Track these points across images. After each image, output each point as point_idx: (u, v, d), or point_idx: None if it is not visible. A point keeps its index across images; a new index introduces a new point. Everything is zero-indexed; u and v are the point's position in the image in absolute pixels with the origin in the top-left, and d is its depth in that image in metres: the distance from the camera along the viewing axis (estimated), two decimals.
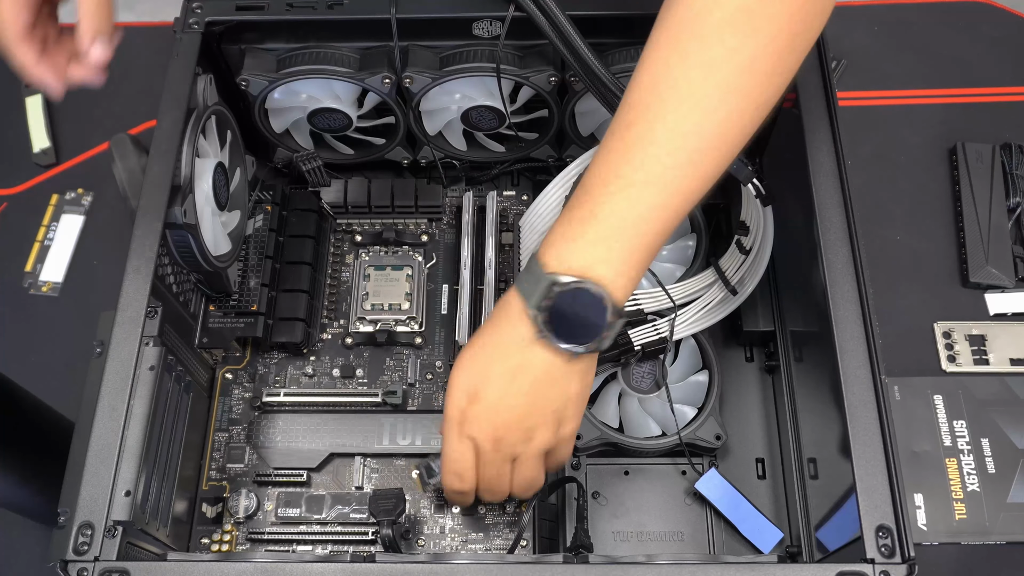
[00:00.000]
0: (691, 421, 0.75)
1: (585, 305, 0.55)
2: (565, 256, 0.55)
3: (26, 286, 0.92)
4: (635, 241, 0.55)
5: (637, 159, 0.55)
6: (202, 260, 0.71)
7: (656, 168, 0.55)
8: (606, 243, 0.55)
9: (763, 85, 0.55)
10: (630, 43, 0.73)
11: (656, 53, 0.55)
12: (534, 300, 0.56)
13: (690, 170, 0.55)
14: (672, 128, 0.54)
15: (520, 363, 0.58)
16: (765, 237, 0.72)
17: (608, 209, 0.55)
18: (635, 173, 0.55)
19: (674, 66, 0.54)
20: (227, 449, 0.77)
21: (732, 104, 0.55)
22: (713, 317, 0.75)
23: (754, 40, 0.53)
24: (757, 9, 0.53)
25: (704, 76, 0.54)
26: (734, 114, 0.55)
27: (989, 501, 0.79)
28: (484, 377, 0.59)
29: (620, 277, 0.56)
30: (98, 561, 0.55)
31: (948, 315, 0.88)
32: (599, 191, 0.55)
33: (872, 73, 1.01)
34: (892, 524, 0.55)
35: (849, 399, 0.58)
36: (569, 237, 0.56)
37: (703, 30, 0.53)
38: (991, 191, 0.92)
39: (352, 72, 0.74)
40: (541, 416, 0.59)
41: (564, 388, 0.59)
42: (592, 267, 0.55)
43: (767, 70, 0.54)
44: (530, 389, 0.58)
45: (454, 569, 0.56)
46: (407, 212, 0.86)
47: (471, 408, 0.59)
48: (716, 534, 0.75)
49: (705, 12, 0.53)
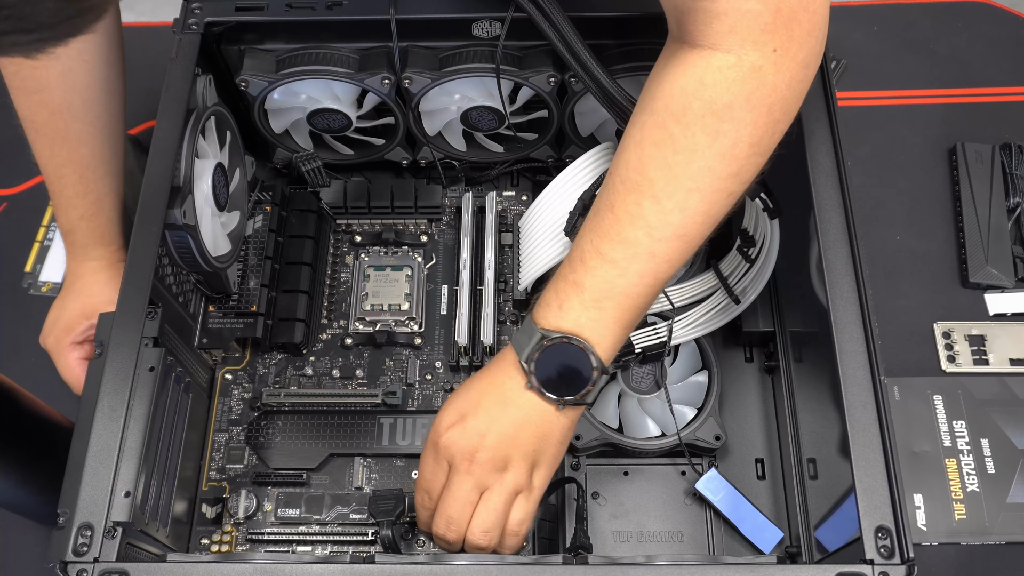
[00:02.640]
0: (691, 421, 0.75)
1: (572, 359, 0.59)
2: (554, 318, 0.59)
3: (26, 286, 0.92)
4: (621, 306, 0.59)
5: (623, 237, 0.58)
6: (202, 261, 0.71)
7: (643, 243, 0.57)
8: (593, 309, 0.59)
9: (743, 164, 0.57)
10: (629, 44, 0.73)
11: (641, 135, 0.58)
12: (526, 353, 0.59)
13: (676, 243, 0.58)
14: (658, 208, 0.57)
15: (511, 400, 0.60)
16: (771, 248, 0.72)
17: (593, 282, 0.58)
18: (620, 251, 0.58)
19: (660, 149, 0.57)
20: (227, 449, 0.77)
21: (712, 184, 0.57)
22: (714, 323, 0.75)
23: (734, 128, 0.55)
24: (737, 103, 0.55)
25: (687, 160, 0.56)
26: (716, 191, 0.57)
27: (989, 501, 0.79)
28: (474, 405, 0.61)
29: (606, 338, 0.59)
30: (98, 562, 0.55)
31: (948, 315, 0.88)
32: (586, 264, 0.59)
33: (872, 73, 1.01)
34: (891, 525, 0.55)
35: (848, 399, 0.58)
36: (560, 301, 0.59)
37: (686, 118, 0.56)
38: (991, 191, 0.92)
39: (352, 73, 0.74)
40: (520, 449, 0.60)
41: (547, 432, 0.61)
42: (580, 328, 0.59)
43: (747, 153, 0.57)
44: (515, 422, 0.60)
45: (454, 569, 0.56)
46: (407, 212, 0.86)
47: (455, 428, 0.61)
48: (716, 534, 0.75)
49: (688, 103, 0.55)
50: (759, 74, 0.54)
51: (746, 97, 0.55)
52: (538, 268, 0.74)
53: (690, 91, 0.55)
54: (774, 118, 0.56)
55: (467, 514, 0.61)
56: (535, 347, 0.59)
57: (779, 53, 0.54)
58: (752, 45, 0.54)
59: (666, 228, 0.57)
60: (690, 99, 0.55)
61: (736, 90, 0.55)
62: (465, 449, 0.60)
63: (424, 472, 0.63)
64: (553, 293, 0.60)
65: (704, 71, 0.55)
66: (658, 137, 0.57)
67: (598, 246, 0.58)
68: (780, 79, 0.55)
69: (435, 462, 0.62)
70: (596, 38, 0.71)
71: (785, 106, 0.56)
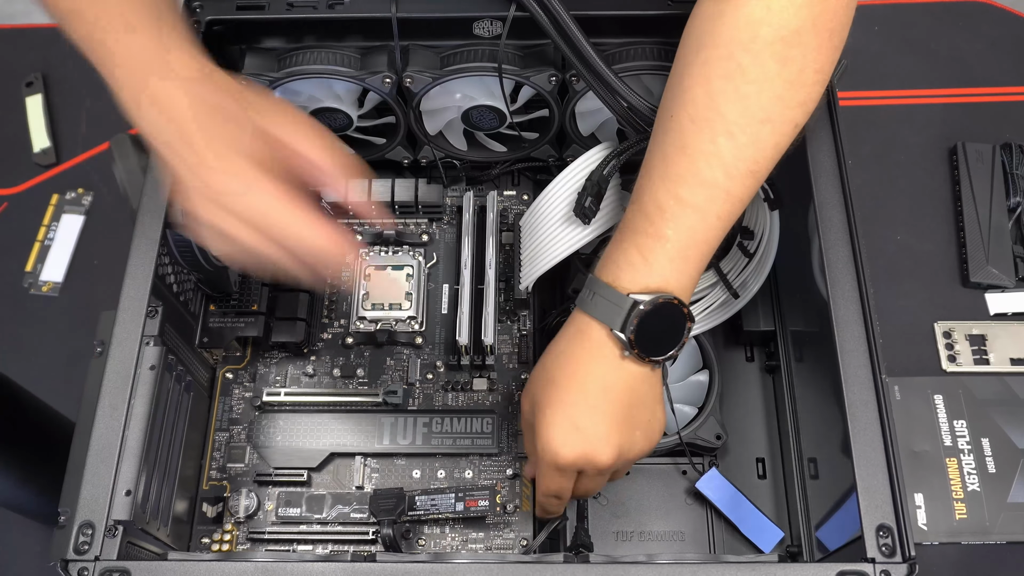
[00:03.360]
0: (691, 421, 0.75)
1: (667, 318, 0.58)
2: (642, 277, 0.58)
3: (26, 286, 0.92)
4: (703, 252, 0.59)
5: (701, 179, 0.57)
6: (202, 260, 0.71)
7: (721, 183, 0.57)
8: (678, 261, 0.58)
9: (810, 92, 0.57)
10: (631, 43, 0.73)
11: (706, 71, 0.57)
12: (619, 322, 0.58)
13: (749, 180, 0.58)
14: (733, 143, 0.57)
15: (613, 383, 0.59)
16: (770, 242, 0.72)
17: (677, 231, 0.57)
18: (699, 194, 0.57)
19: (731, 81, 0.56)
20: (227, 449, 0.77)
21: (783, 114, 0.57)
22: (714, 320, 0.75)
23: (802, 54, 0.56)
24: (805, 27, 0.55)
25: (759, 90, 0.56)
26: (785, 123, 0.57)
27: (989, 501, 0.79)
28: (582, 406, 0.59)
29: (688, 287, 0.60)
30: (99, 561, 0.55)
31: (948, 315, 0.88)
32: (665, 214, 0.58)
33: (872, 73, 1.01)
34: (892, 524, 0.55)
35: (849, 399, 0.58)
36: (644, 257, 0.58)
37: (755, 46, 0.55)
38: (991, 191, 0.92)
39: (353, 72, 0.74)
40: (640, 427, 0.61)
41: (654, 395, 0.62)
42: (667, 282, 0.58)
43: (813, 79, 0.57)
44: (626, 403, 0.60)
45: (454, 569, 0.56)
46: (408, 212, 0.86)
47: (574, 445, 0.59)
48: (716, 534, 0.75)
49: (756, 31, 0.55)
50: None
51: (812, 21, 0.55)
52: (540, 267, 0.74)
53: (757, 18, 0.55)
54: (834, 43, 0.57)
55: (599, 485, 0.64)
56: (630, 315, 0.57)
57: None
58: None
59: (741, 164, 0.57)
60: (758, 26, 0.55)
61: (804, 14, 0.54)
62: (595, 461, 0.60)
63: (550, 485, 0.62)
64: (635, 250, 0.58)
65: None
66: (726, 69, 0.56)
67: (675, 192, 0.57)
68: (840, 1, 0.55)
69: (562, 476, 0.61)
70: (597, 37, 0.71)
71: (843, 32, 0.57)
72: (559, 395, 0.60)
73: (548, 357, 0.62)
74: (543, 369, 0.62)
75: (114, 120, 0.60)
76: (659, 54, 0.72)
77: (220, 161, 0.56)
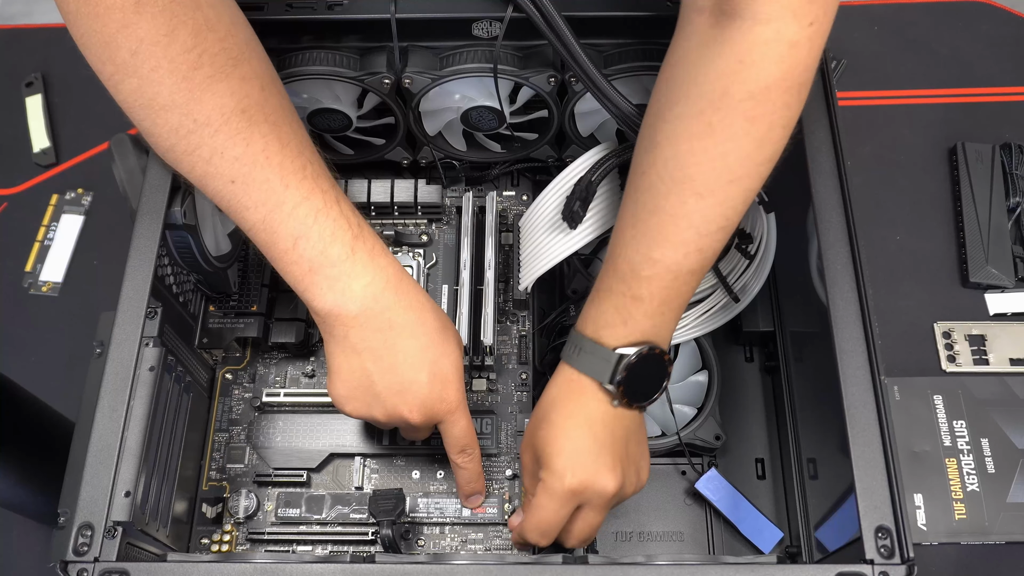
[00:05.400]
0: (691, 421, 0.75)
1: (650, 365, 0.61)
2: (623, 335, 0.61)
3: (26, 286, 0.92)
4: (679, 305, 0.62)
5: (672, 241, 0.58)
6: (202, 260, 0.71)
7: (693, 242, 0.58)
8: (657, 316, 0.60)
9: (777, 148, 0.58)
10: (627, 44, 0.73)
11: (676, 128, 0.57)
12: (607, 376, 0.61)
13: (720, 235, 0.59)
14: (702, 204, 0.57)
15: (608, 423, 0.62)
16: (768, 244, 0.72)
17: (652, 291, 0.60)
18: (671, 254, 0.59)
19: (700, 142, 0.56)
20: (227, 449, 0.77)
21: (751, 171, 0.57)
22: (714, 322, 0.75)
23: (771, 112, 0.55)
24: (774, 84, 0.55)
25: (726, 152, 0.56)
26: (753, 179, 0.58)
27: (989, 501, 0.79)
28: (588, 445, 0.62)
29: (667, 335, 0.63)
30: (98, 562, 0.55)
31: (948, 315, 0.88)
32: (640, 275, 0.59)
33: (872, 73, 1.01)
34: (891, 525, 0.55)
35: (848, 399, 0.58)
36: (624, 318, 0.60)
37: (725, 105, 0.55)
38: (991, 191, 0.92)
39: (352, 72, 0.74)
40: (634, 462, 0.64)
41: (641, 432, 0.66)
42: (648, 336, 0.61)
43: (780, 136, 0.57)
44: (622, 439, 0.63)
45: (454, 569, 0.56)
46: (407, 212, 0.86)
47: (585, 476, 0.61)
48: (716, 534, 0.75)
49: (726, 87, 0.55)
50: (795, 51, 0.54)
51: (782, 77, 0.54)
52: (539, 268, 0.74)
53: (728, 74, 0.54)
54: (802, 98, 0.56)
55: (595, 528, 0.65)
56: (617, 368, 0.60)
57: (814, 27, 0.53)
58: (792, 16, 0.52)
59: (712, 223, 0.58)
60: (728, 83, 0.54)
61: (773, 71, 0.54)
62: (601, 488, 0.61)
63: (547, 517, 0.62)
64: (613, 311, 0.61)
65: (742, 49, 0.54)
66: (696, 129, 0.56)
67: (648, 254, 0.59)
68: (811, 57, 0.55)
69: (561, 506, 0.62)
70: (596, 37, 0.71)
71: (808, 85, 0.56)
72: (561, 431, 0.62)
73: (543, 406, 0.64)
74: (539, 418, 0.64)
75: (114, 120, 0.60)
76: (657, 55, 0.72)
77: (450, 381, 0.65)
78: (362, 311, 0.60)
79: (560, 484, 0.60)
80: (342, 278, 0.59)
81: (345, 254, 0.59)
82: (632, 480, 0.64)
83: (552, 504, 0.62)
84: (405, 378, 0.62)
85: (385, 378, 0.62)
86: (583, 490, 0.61)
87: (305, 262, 0.59)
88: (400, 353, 0.62)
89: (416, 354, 0.62)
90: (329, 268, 0.59)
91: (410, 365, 0.62)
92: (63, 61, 1.04)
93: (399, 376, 0.62)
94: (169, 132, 0.57)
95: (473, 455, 0.69)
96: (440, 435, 0.68)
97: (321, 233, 0.58)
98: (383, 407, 0.63)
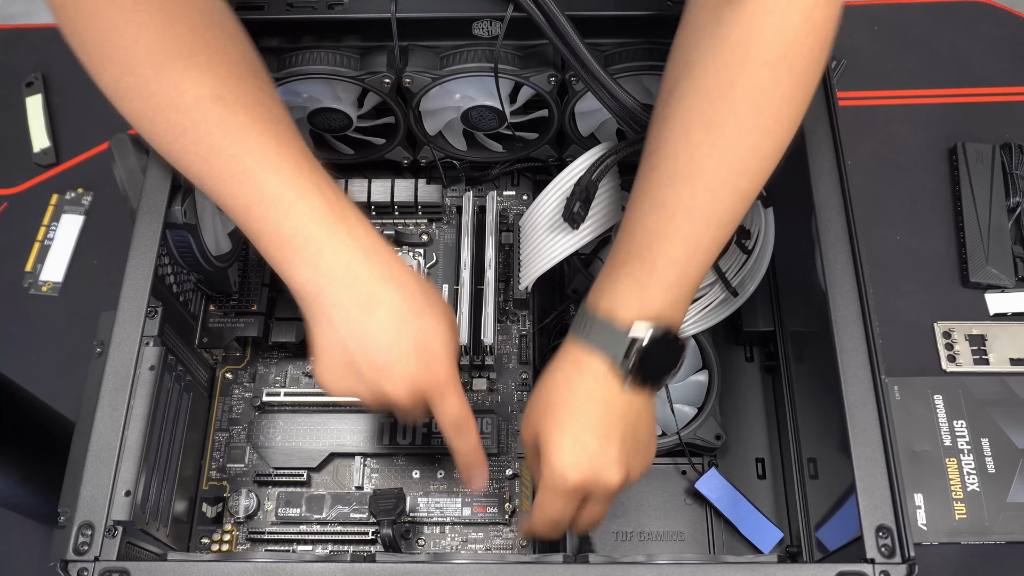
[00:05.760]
0: (691, 421, 0.75)
1: (665, 346, 0.59)
2: (636, 307, 0.59)
3: (26, 286, 0.92)
4: (694, 277, 0.60)
5: (684, 235, 0.58)
6: (202, 260, 0.71)
7: (705, 234, 0.58)
8: (674, 288, 0.59)
9: (783, 138, 0.58)
10: (628, 44, 0.73)
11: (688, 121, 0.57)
12: (620, 355, 0.59)
13: (729, 227, 0.59)
14: (712, 196, 0.57)
15: (617, 408, 0.60)
16: (766, 239, 0.72)
17: (667, 260, 0.58)
18: (681, 248, 0.58)
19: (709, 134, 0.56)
20: (227, 449, 0.77)
21: (760, 164, 0.57)
22: (713, 318, 0.75)
23: (776, 101, 0.56)
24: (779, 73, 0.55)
25: (736, 143, 0.56)
26: (763, 172, 0.58)
27: (989, 501, 0.79)
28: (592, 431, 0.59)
29: (682, 311, 0.61)
30: (98, 561, 0.55)
31: (948, 315, 0.88)
32: (656, 270, 0.58)
33: (872, 73, 1.01)
34: (892, 524, 0.55)
35: (849, 399, 0.58)
36: (637, 289, 0.59)
37: (733, 94, 0.55)
38: (991, 191, 0.92)
39: (352, 72, 0.74)
40: (641, 447, 0.62)
41: (651, 416, 0.63)
42: (662, 312, 0.59)
43: (787, 127, 0.57)
44: (631, 424, 0.60)
45: (454, 569, 0.56)
46: (407, 212, 0.86)
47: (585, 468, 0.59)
48: (716, 534, 0.75)
49: (733, 76, 0.55)
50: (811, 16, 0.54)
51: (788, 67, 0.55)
52: (539, 268, 0.74)
53: (736, 62, 0.55)
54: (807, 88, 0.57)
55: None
56: (631, 348, 0.58)
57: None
58: None
59: (724, 214, 0.58)
60: (737, 72, 0.55)
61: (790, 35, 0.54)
62: (605, 481, 0.60)
63: (553, 512, 0.61)
64: (629, 282, 0.59)
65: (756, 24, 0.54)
66: (706, 120, 0.56)
67: (660, 247, 0.58)
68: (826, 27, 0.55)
69: (567, 500, 0.61)
70: (596, 37, 0.71)
71: (818, 70, 0.56)
72: (563, 420, 0.60)
73: (545, 386, 0.62)
74: (541, 398, 0.62)
75: (114, 120, 0.60)
76: (658, 54, 0.72)
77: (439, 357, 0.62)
78: (341, 286, 0.59)
79: (562, 482, 0.59)
80: (319, 252, 0.58)
81: (320, 229, 0.58)
82: (638, 467, 0.62)
83: (556, 501, 0.61)
84: (387, 354, 0.60)
85: (367, 355, 0.60)
86: (586, 486, 0.60)
87: (279, 238, 0.58)
88: (380, 327, 0.59)
89: (397, 328, 0.60)
90: (304, 242, 0.58)
91: (391, 340, 0.60)
92: (63, 61, 1.04)
93: (380, 352, 0.60)
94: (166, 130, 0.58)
95: (468, 434, 0.65)
96: (440, 436, 0.68)
97: (297, 206, 0.58)
98: (366, 385, 0.61)
